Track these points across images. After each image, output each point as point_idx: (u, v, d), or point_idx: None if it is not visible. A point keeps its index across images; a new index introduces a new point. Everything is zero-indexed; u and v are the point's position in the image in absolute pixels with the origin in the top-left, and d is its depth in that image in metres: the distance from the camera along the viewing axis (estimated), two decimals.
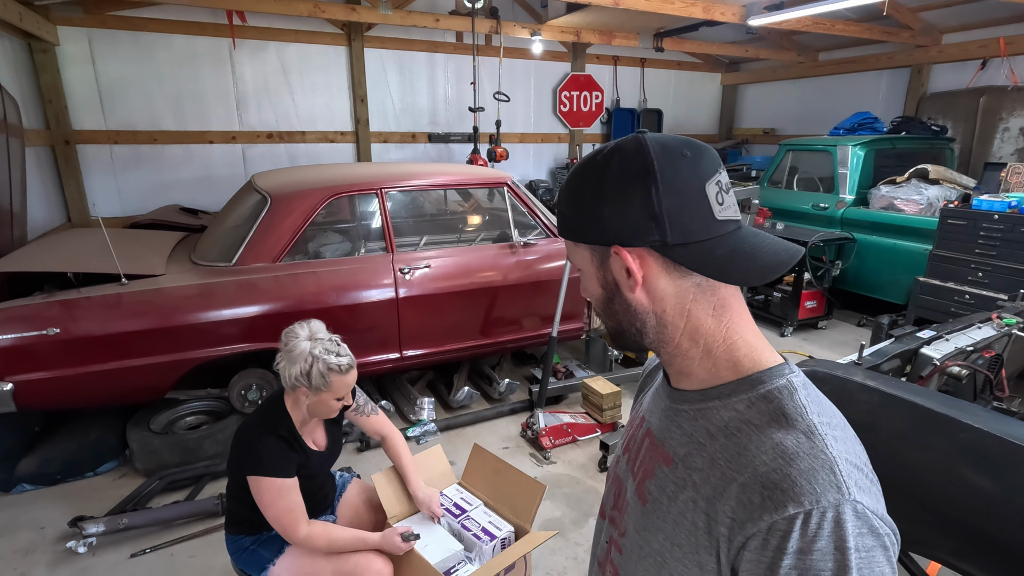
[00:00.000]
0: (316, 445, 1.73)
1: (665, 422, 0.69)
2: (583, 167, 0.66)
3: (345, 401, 1.67)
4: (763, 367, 0.62)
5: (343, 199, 3.17)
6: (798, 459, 0.54)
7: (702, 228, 0.60)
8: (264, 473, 1.53)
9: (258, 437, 1.58)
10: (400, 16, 5.41)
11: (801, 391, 0.60)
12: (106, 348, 2.58)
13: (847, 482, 0.52)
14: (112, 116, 5.18)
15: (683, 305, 0.63)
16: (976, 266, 3.74)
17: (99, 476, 2.87)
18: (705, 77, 8.57)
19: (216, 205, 5.25)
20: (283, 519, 1.55)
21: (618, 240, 0.62)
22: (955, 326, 1.94)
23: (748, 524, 0.53)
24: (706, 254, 0.60)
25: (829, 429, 0.57)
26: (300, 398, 1.62)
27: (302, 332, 1.62)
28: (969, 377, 1.66)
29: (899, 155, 5.15)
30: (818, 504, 0.51)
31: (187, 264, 2.93)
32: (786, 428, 0.57)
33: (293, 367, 1.56)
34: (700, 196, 0.60)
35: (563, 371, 3.78)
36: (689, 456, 0.63)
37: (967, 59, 5.87)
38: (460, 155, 6.75)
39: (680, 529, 0.61)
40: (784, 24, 5.28)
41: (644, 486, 0.68)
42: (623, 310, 0.66)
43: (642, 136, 0.62)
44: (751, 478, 0.55)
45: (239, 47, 5.50)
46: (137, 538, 2.42)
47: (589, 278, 0.69)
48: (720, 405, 0.62)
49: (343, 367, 1.59)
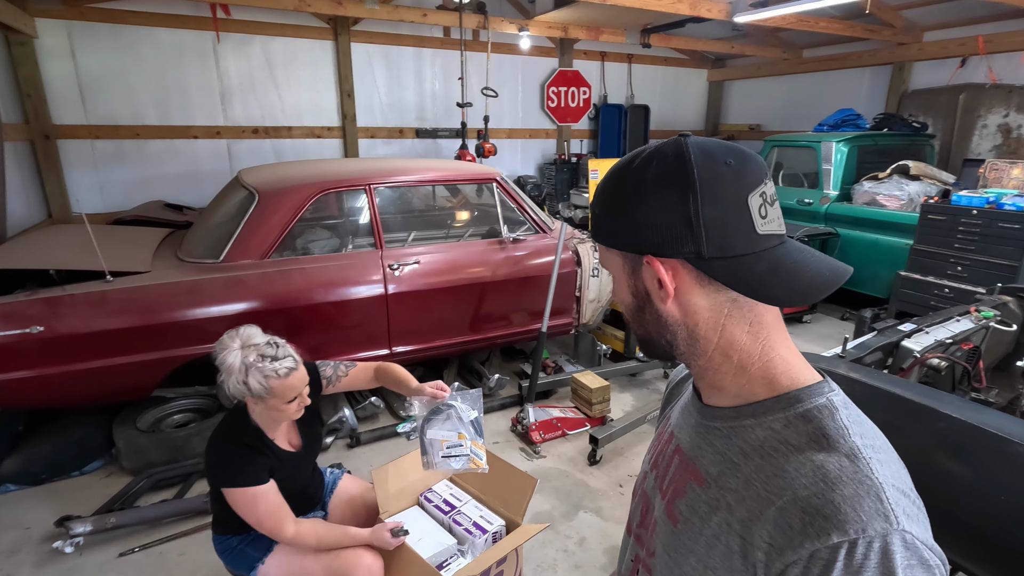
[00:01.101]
0: (291, 446, 1.70)
1: (696, 439, 0.66)
2: (620, 170, 0.63)
3: (301, 401, 1.58)
4: (801, 385, 0.60)
5: (331, 195, 3.16)
6: (841, 484, 0.51)
7: (743, 242, 0.57)
8: (234, 484, 1.50)
9: (224, 449, 1.54)
10: (387, 11, 5.37)
11: (842, 411, 0.57)
12: (91, 346, 2.55)
13: (895, 510, 0.50)
14: (93, 110, 5.09)
15: (717, 320, 0.60)
16: (955, 260, 3.82)
17: (85, 475, 2.84)
18: (692, 73, 8.62)
19: (201, 201, 5.18)
20: (266, 523, 1.53)
21: (651, 249, 0.59)
22: (935, 319, 1.99)
23: (788, 551, 0.51)
24: (745, 270, 0.57)
25: (873, 452, 0.54)
26: (251, 406, 1.57)
27: (232, 343, 1.50)
28: (948, 369, 1.71)
29: (881, 151, 5.24)
30: (864, 533, 0.48)
31: (173, 261, 2.90)
32: (827, 450, 0.54)
33: (230, 380, 1.48)
34: (742, 208, 0.57)
35: (552, 366, 3.80)
36: (722, 476, 0.60)
37: (947, 57, 5.97)
38: (448, 151, 6.73)
39: (714, 552, 0.59)
40: (769, 21, 5.33)
41: (674, 505, 0.65)
42: (653, 320, 0.63)
43: (684, 140, 0.59)
44: (790, 502, 0.52)
45: (223, 41, 5.43)
46: (125, 537, 2.40)
47: (620, 285, 0.66)
48: (755, 423, 0.60)
49: (281, 372, 1.49)
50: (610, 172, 0.65)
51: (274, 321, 2.85)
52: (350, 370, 1.81)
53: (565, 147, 7.61)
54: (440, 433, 1.60)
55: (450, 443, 1.60)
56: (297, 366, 1.56)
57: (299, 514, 1.72)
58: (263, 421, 1.62)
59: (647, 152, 0.61)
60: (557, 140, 7.63)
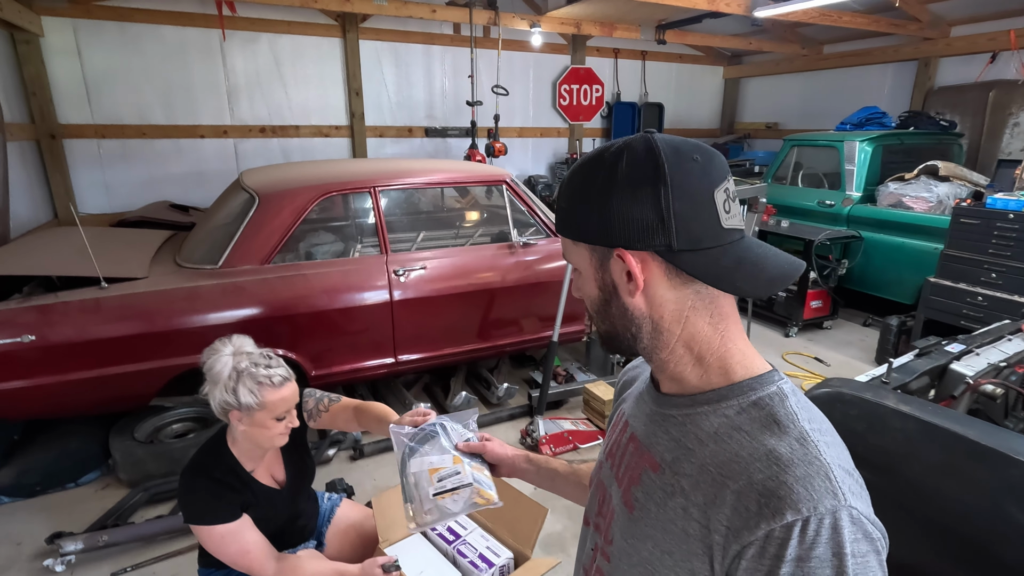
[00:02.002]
0: (274, 481, 1.56)
1: (651, 427, 0.68)
2: (589, 164, 0.63)
3: (290, 422, 1.45)
4: (754, 374, 0.62)
5: (334, 198, 3.05)
6: (793, 466, 0.53)
7: (710, 235, 0.59)
8: (200, 521, 1.37)
9: (190, 483, 1.41)
10: (395, 7, 5.25)
11: (791, 397, 0.60)
12: (85, 355, 2.46)
13: (842, 488, 0.52)
14: (99, 109, 5.03)
15: (681, 312, 0.62)
16: (989, 267, 3.62)
17: (81, 487, 2.75)
18: (707, 70, 8.42)
19: (207, 201, 5.10)
20: (241, 563, 1.40)
21: (622, 242, 0.60)
22: (984, 339, 1.82)
23: (744, 532, 0.53)
24: (712, 262, 0.59)
25: (820, 435, 0.57)
26: (235, 426, 1.42)
27: (224, 348, 1.41)
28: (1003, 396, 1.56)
29: (907, 151, 5.03)
30: (816, 511, 0.50)
31: (171, 266, 2.81)
32: (779, 435, 0.56)
33: (216, 387, 1.36)
34: (709, 202, 0.59)
35: (564, 374, 3.67)
36: (677, 462, 0.62)
37: (976, 52, 5.74)
38: (457, 150, 6.61)
39: (670, 536, 0.60)
40: (790, 16, 5.14)
41: (630, 492, 0.67)
42: (619, 314, 0.64)
43: (651, 136, 0.60)
44: (746, 485, 0.54)
45: (229, 38, 5.34)
46: (118, 555, 2.31)
47: (587, 279, 0.67)
48: (709, 411, 0.62)
49: (275, 379, 1.39)
50: (577, 166, 0.65)
51: (275, 329, 2.74)
52: (332, 405, 1.66)
53: (577, 146, 7.46)
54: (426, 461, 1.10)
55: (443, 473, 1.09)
56: (291, 378, 1.45)
57: (288, 547, 1.60)
58: (243, 450, 1.49)
59: (615, 148, 0.61)
60: (569, 139, 7.48)
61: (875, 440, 1.18)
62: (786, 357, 4.31)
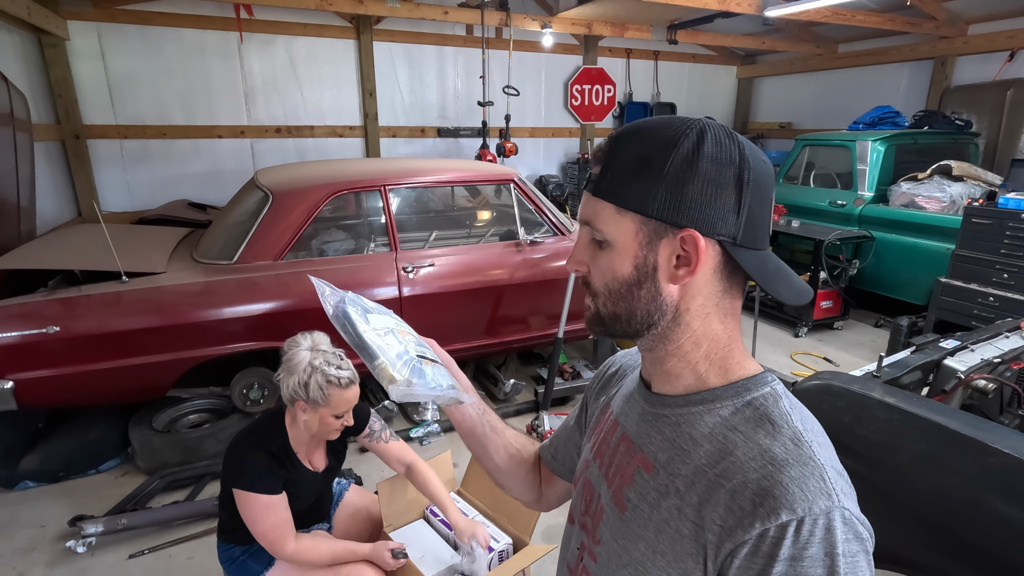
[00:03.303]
0: (312, 466, 1.68)
1: (643, 427, 0.67)
2: (663, 134, 0.58)
3: (345, 421, 1.59)
4: (749, 374, 0.62)
5: (346, 196, 3.12)
6: (788, 466, 0.53)
7: (762, 237, 0.59)
8: (249, 488, 1.48)
9: (248, 450, 1.53)
10: (408, 9, 5.33)
11: (784, 399, 0.60)
12: (106, 346, 2.56)
13: (836, 489, 0.52)
14: (122, 111, 5.18)
15: (705, 307, 0.61)
16: (1001, 267, 3.59)
17: (101, 474, 2.86)
18: (720, 70, 8.39)
19: (224, 200, 5.20)
20: (269, 535, 1.50)
21: (695, 224, 0.57)
22: (980, 335, 1.83)
23: (738, 531, 0.53)
24: (761, 263, 0.59)
25: (812, 436, 0.57)
26: (298, 413, 1.55)
27: (304, 342, 1.54)
28: (996, 391, 1.57)
29: (921, 150, 4.98)
30: (811, 511, 0.51)
31: (189, 262, 2.90)
32: (773, 435, 0.56)
33: (291, 377, 1.50)
34: (770, 203, 0.60)
35: (570, 371, 3.71)
36: (671, 462, 0.61)
37: (994, 51, 5.66)
38: (469, 150, 6.67)
39: (663, 537, 0.60)
40: (802, 15, 5.11)
41: (622, 493, 0.66)
42: (648, 298, 0.61)
43: (724, 126, 0.59)
44: (740, 484, 0.54)
45: (247, 41, 5.46)
46: (136, 538, 2.40)
47: (620, 254, 0.60)
48: (704, 410, 0.61)
49: (343, 381, 1.51)
50: (645, 134, 0.59)
51: (287, 323, 2.82)
52: (391, 441, 1.81)
53: (588, 146, 7.48)
54: (390, 320, 0.88)
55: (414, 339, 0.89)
56: (356, 381, 1.56)
57: (304, 526, 1.68)
58: (297, 434, 1.60)
59: (698, 126, 0.58)
60: (580, 139, 7.50)
61: (861, 431, 1.21)
62: (795, 357, 4.30)
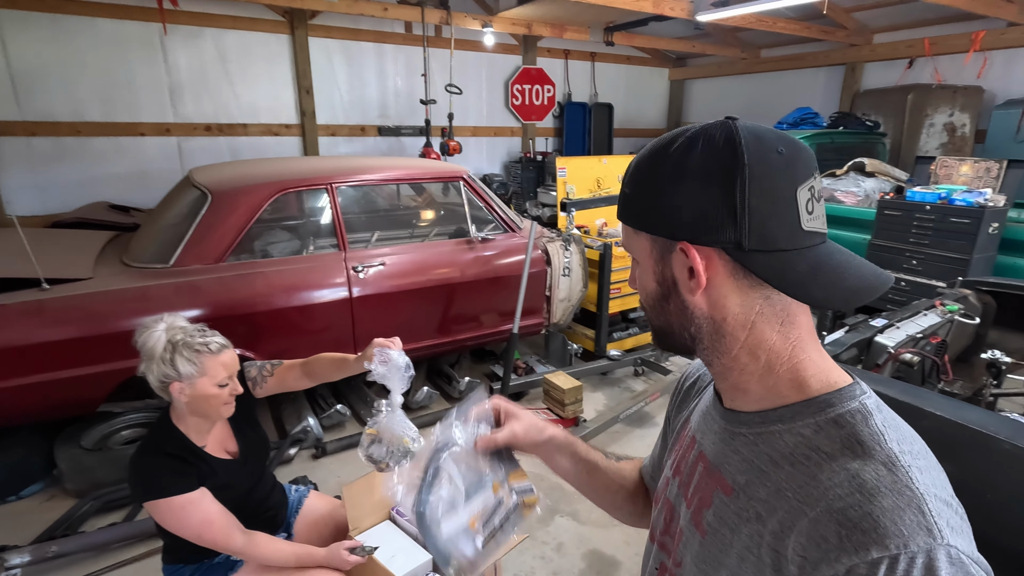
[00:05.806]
0: (227, 453, 1.56)
1: (720, 446, 0.63)
2: (662, 148, 0.58)
3: (232, 388, 1.45)
4: (832, 388, 0.56)
5: (291, 195, 3.02)
6: (879, 495, 0.48)
7: (786, 236, 0.54)
8: (160, 494, 1.36)
9: (141, 461, 1.41)
10: (346, 4, 5.20)
11: (877, 415, 0.54)
12: (27, 360, 2.35)
13: (938, 523, 0.46)
14: (29, 106, 4.76)
15: (747, 317, 0.57)
16: (911, 254, 3.94)
17: (23, 500, 2.62)
18: (654, 72, 8.71)
19: (151, 202, 4.89)
20: (207, 534, 1.39)
21: (688, 235, 0.55)
22: (903, 314, 2.02)
23: (823, 565, 0.48)
24: (786, 266, 0.54)
25: (912, 459, 0.50)
26: (179, 401, 1.41)
27: (156, 325, 1.41)
28: (919, 363, 1.74)
29: (837, 149, 5.39)
30: (906, 549, 0.45)
31: (118, 266, 2.71)
32: (862, 458, 0.51)
33: (153, 362, 1.36)
34: (790, 200, 0.54)
35: (523, 367, 3.75)
36: (751, 485, 0.57)
37: (896, 58, 6.20)
38: (412, 149, 6.59)
39: (746, 565, 0.56)
40: (730, 20, 5.41)
41: (701, 515, 0.62)
42: (677, 311, 0.60)
43: (733, 123, 0.56)
44: (824, 513, 0.49)
45: (171, 33, 5.16)
46: (69, 567, 2.22)
47: (645, 271, 0.62)
48: (783, 429, 0.56)
49: (212, 346, 1.41)
50: (649, 150, 0.60)
51: (232, 328, 2.66)
52: (276, 368, 1.64)
53: (530, 145, 7.57)
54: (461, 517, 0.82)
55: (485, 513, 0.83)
56: (228, 345, 1.47)
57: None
58: (191, 425, 1.48)
59: (692, 132, 0.57)
60: (522, 138, 7.58)
61: None
62: None
